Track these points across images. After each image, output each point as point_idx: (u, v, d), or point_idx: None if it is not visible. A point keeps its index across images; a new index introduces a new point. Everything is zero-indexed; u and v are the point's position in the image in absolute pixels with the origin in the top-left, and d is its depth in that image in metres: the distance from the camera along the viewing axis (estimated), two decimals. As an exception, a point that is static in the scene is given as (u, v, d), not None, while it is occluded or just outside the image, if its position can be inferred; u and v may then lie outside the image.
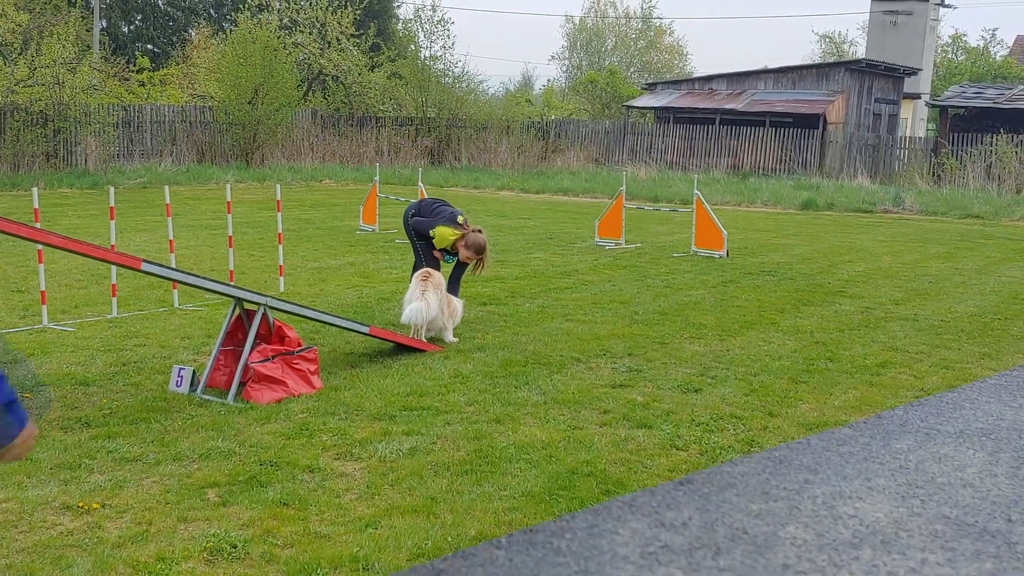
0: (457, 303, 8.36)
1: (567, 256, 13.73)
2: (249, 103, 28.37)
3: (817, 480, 1.26)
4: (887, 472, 1.29)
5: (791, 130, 30.60)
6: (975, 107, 30.85)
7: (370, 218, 16.21)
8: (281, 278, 10.48)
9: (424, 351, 7.68)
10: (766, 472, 1.28)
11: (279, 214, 10.79)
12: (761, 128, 31.05)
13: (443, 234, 8.58)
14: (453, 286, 8.65)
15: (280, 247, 10.68)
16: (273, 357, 6.39)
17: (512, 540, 1.04)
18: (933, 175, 28.42)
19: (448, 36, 34.51)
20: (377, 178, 16.85)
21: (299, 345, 6.64)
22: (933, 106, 34.82)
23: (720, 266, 13.08)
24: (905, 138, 32.47)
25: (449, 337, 8.12)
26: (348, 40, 33.74)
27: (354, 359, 7.44)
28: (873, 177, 28.83)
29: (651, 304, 10.12)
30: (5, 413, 2.45)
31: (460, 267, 8.83)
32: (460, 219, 8.71)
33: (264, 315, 6.57)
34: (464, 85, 34.11)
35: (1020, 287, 11.87)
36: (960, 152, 28.72)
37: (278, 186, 11.11)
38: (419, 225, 8.73)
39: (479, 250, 8.63)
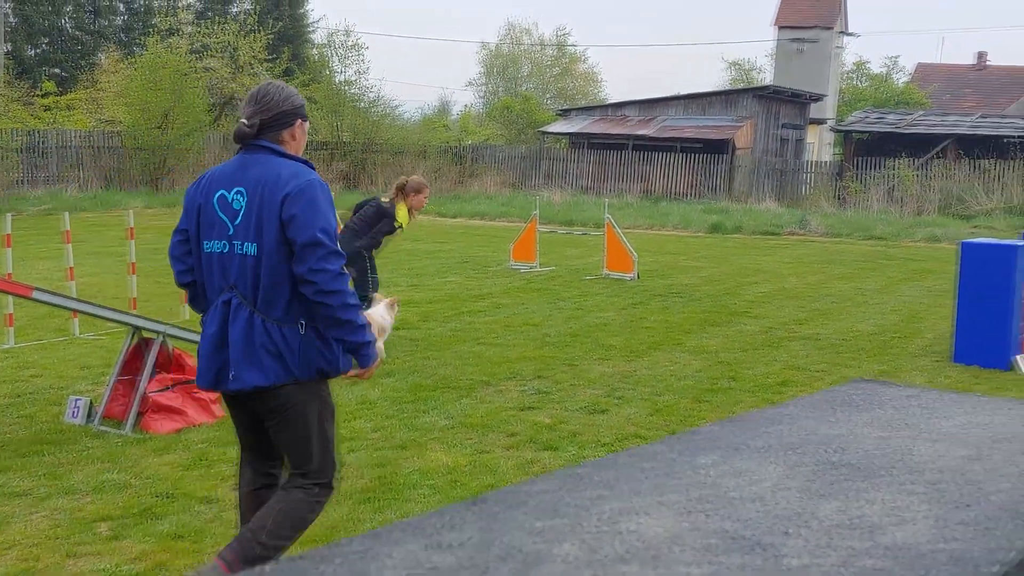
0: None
1: (481, 280, 13.76)
2: (158, 128, 27.86)
3: (610, 496, 1.28)
4: (682, 487, 1.32)
5: (701, 155, 31.25)
6: (877, 132, 31.92)
7: (281, 244, 16.00)
8: (184, 306, 10.27)
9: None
10: (563, 489, 1.30)
11: (184, 240, 10.59)
12: (672, 153, 31.64)
13: (402, 216, 8.76)
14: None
15: (185, 274, 10.46)
16: (172, 386, 6.26)
17: (278, 569, 1.04)
18: (837, 198, 29.28)
19: (362, 61, 34.35)
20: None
21: (200, 373, 6.51)
22: (837, 131, 35.92)
23: (630, 288, 13.25)
24: (811, 162, 33.43)
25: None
26: (260, 64, 33.44)
27: (258, 386, 7.32)
28: (780, 200, 29.57)
29: (562, 326, 10.20)
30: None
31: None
32: (385, 198, 8.90)
33: (163, 344, 6.43)
34: (379, 110, 34.06)
35: (919, 306, 12.28)
36: (863, 175, 29.66)
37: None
38: (375, 239, 8.79)
39: (420, 186, 8.84)
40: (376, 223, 8.72)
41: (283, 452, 3.69)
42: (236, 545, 3.54)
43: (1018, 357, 8.79)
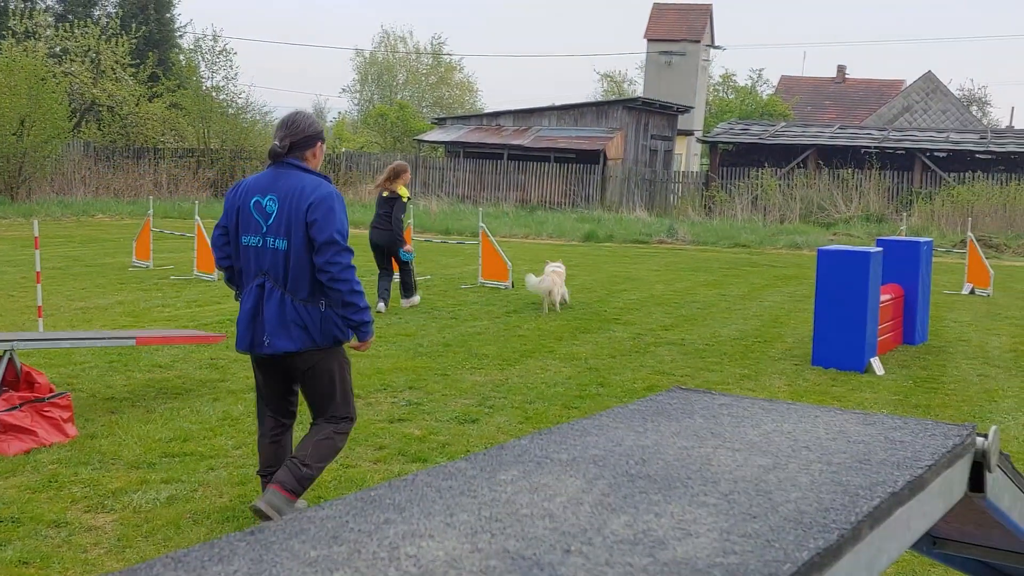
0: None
1: (353, 290, 13.59)
2: (14, 135, 26.58)
3: (398, 520, 1.25)
4: (475, 506, 1.31)
5: (574, 165, 31.70)
6: (743, 143, 32.99)
7: (143, 254, 15.48)
8: (40, 319, 9.81)
9: (202, 342, 7.36)
10: (349, 514, 1.27)
11: (37, 251, 10.12)
12: (547, 163, 32.00)
13: (404, 192, 11.69)
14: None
15: (39, 286, 10.00)
16: (21, 405, 5.94)
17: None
18: (704, 207, 30.13)
19: (231, 66, 33.64)
20: (151, 212, 16.14)
21: (50, 391, 6.21)
22: (704, 142, 36.97)
23: (505, 297, 13.30)
24: (679, 172, 34.32)
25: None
26: (124, 70, 32.31)
27: (115, 404, 7.04)
28: (650, 210, 30.24)
29: (436, 336, 10.15)
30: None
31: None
32: (386, 192, 11.67)
33: (11, 360, 6.11)
34: (249, 116, 33.35)
35: (780, 311, 12.70)
36: (729, 185, 30.60)
37: (35, 222, 10.43)
38: (396, 225, 11.84)
39: (400, 169, 11.73)
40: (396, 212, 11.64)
41: (312, 403, 4.70)
42: (286, 472, 4.51)
43: (873, 359, 9.18)
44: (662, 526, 1.25)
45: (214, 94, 33.04)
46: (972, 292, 15.39)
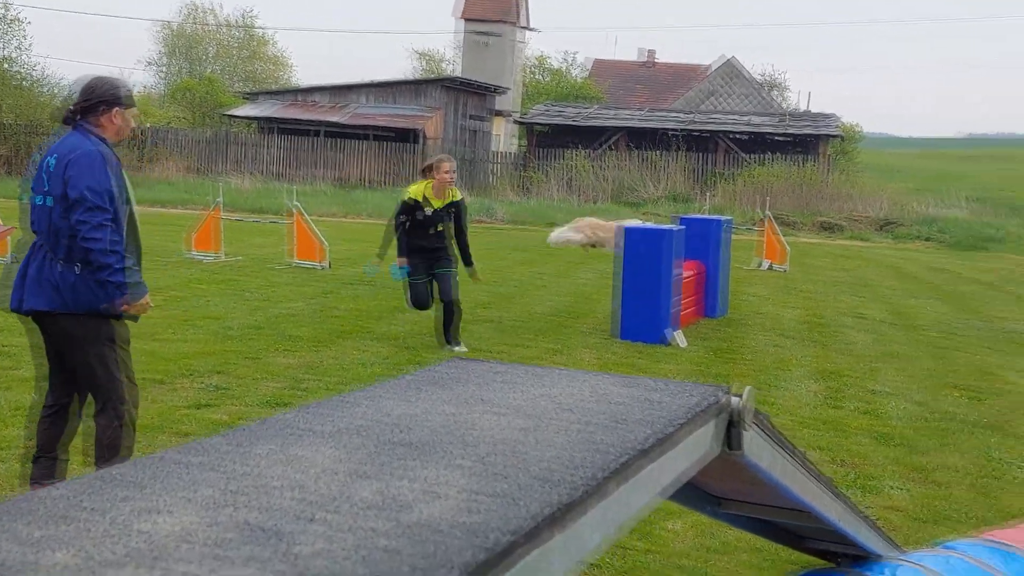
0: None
1: (157, 272, 13.00)
2: None
3: (137, 496, 1.22)
4: (222, 481, 1.29)
5: (392, 144, 31.48)
6: (557, 125, 33.66)
7: (-76, 236, 14.29)
8: None
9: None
10: (85, 493, 1.23)
11: None
12: (364, 141, 31.63)
13: (415, 191, 8.50)
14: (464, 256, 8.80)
15: None
16: None
17: None
18: (521, 188, 30.58)
19: (24, 36, 31.47)
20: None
21: None
22: (520, 123, 37.49)
23: (320, 277, 13.09)
24: (497, 153, 34.67)
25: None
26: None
27: None
28: (469, 190, 30.42)
29: (246, 319, 9.87)
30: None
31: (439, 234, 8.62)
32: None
33: None
34: (44, 89, 31.36)
35: (591, 288, 13.07)
36: (544, 166, 31.18)
37: None
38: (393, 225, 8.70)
39: (436, 163, 8.57)
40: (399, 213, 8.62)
41: (82, 385, 4.60)
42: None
43: (676, 332, 9.59)
44: (412, 490, 1.26)
45: (6, 66, 30.85)
46: (769, 268, 16.33)
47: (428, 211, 8.42)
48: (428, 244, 8.55)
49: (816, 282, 14.98)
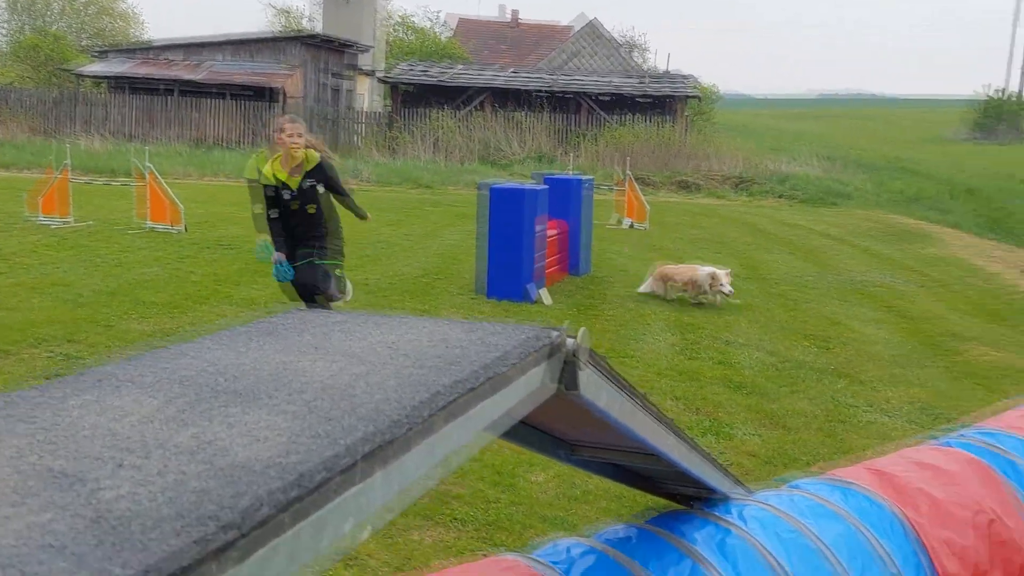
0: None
1: (2, 238, 12.36)
2: None
3: None
4: (31, 431, 1.26)
5: (251, 102, 30.59)
6: (422, 84, 33.30)
7: None
8: None
9: None
10: None
11: None
12: (221, 100, 30.63)
13: (267, 171, 6.75)
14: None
15: None
16: None
17: None
18: (388, 148, 30.23)
19: None
20: None
21: None
22: (385, 82, 36.95)
23: (177, 241, 12.68)
24: (362, 112, 34.12)
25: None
26: None
27: None
28: (335, 150, 29.86)
29: (99, 285, 9.49)
30: None
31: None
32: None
33: None
34: None
35: (458, 249, 13.07)
36: (411, 126, 30.87)
37: None
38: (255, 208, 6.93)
39: (277, 126, 6.73)
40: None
41: None
42: None
43: (541, 290, 9.70)
44: (231, 436, 1.24)
45: None
46: (631, 226, 16.66)
47: (287, 195, 6.78)
48: (298, 229, 6.96)
49: (675, 239, 15.39)
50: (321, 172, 6.85)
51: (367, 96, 40.32)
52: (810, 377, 7.28)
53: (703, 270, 9.88)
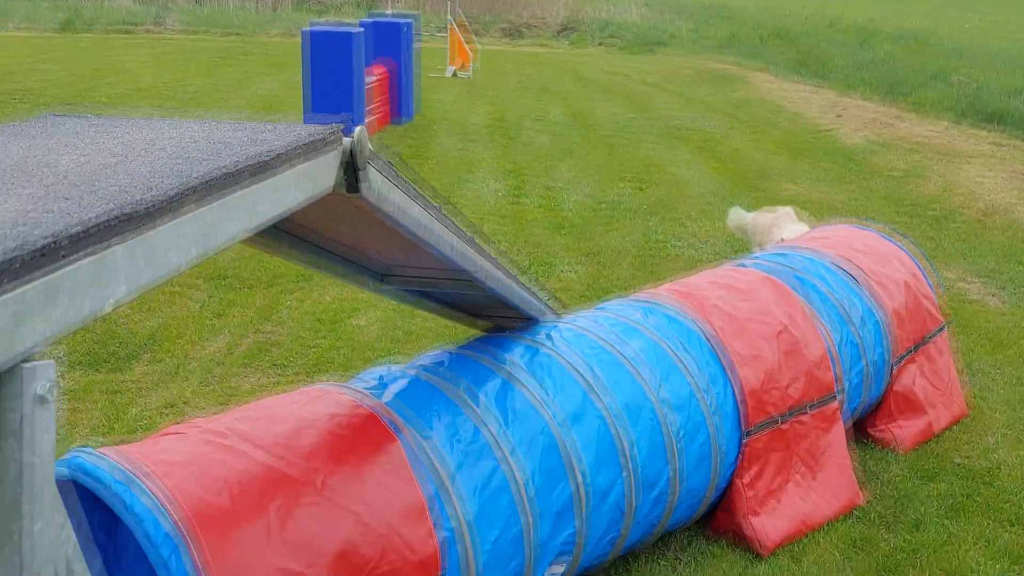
0: None
1: None
2: None
3: None
4: None
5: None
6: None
7: None
8: None
9: None
10: None
11: None
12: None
13: None
14: None
15: None
16: None
17: None
18: (195, -7, 28.38)
19: None
20: None
21: None
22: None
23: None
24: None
25: None
26: None
27: None
28: (136, -4, 27.84)
29: None
30: None
31: None
32: None
33: None
34: None
35: (273, 98, 12.60)
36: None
37: None
38: None
39: None
40: None
41: None
42: None
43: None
44: None
45: None
46: (455, 75, 16.41)
47: None
48: None
49: (500, 87, 15.29)
50: None
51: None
52: (626, 216, 7.52)
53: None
